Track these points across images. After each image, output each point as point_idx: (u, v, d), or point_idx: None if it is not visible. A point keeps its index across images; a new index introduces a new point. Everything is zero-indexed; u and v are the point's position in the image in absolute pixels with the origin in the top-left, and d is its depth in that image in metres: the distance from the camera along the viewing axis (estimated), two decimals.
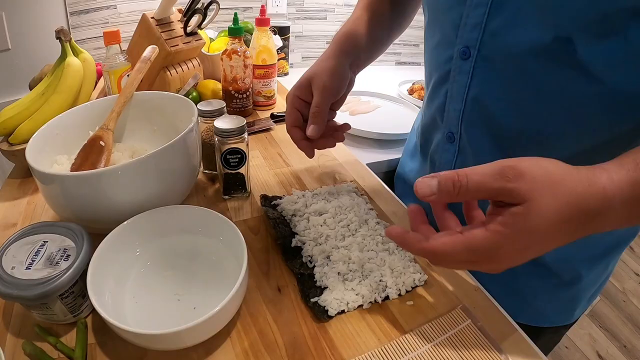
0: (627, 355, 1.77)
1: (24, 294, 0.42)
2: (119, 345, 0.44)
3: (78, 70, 0.80)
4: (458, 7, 0.54)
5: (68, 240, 0.48)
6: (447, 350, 0.47)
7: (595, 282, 0.65)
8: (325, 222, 0.60)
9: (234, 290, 0.42)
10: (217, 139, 0.62)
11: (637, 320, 1.93)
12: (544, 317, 0.66)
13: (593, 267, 0.62)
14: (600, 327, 1.89)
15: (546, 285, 0.63)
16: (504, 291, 0.56)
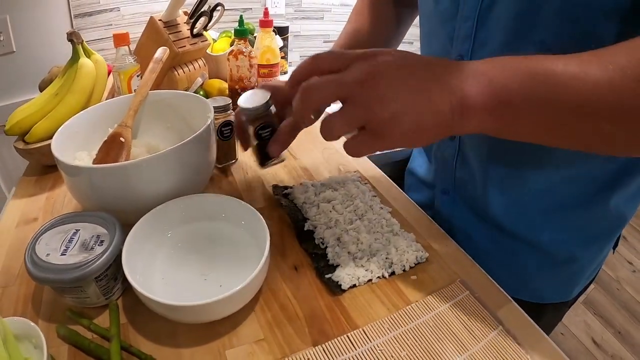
0: (622, 341, 1.82)
1: (62, 277, 0.45)
2: (149, 322, 0.48)
3: (91, 71, 0.83)
4: (452, 21, 0.59)
5: (100, 227, 0.51)
6: (448, 317, 0.51)
7: (591, 264, 0.68)
8: (334, 208, 0.64)
9: (260, 265, 0.46)
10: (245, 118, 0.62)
11: (630, 307, 1.98)
12: (544, 293, 0.69)
13: (587, 249, 0.66)
14: (594, 314, 1.94)
15: (544, 265, 0.66)
16: (505, 271, 0.60)
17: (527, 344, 0.49)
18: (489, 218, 0.67)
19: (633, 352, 1.77)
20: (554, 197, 0.61)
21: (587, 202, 0.60)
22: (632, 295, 2.05)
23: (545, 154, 0.57)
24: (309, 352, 0.46)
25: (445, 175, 0.71)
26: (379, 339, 0.48)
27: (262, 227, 0.52)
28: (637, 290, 2.07)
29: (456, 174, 0.69)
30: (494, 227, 0.67)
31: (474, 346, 0.49)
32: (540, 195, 0.61)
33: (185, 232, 0.58)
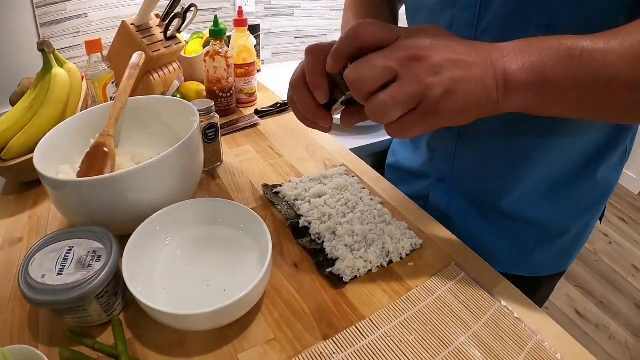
0: (604, 310, 1.87)
1: (62, 298, 0.42)
2: (156, 335, 0.46)
3: (65, 81, 0.78)
4: (449, 10, 0.57)
5: (94, 242, 0.48)
6: (448, 299, 0.52)
7: (584, 234, 0.70)
8: (326, 202, 0.63)
9: (265, 267, 0.45)
10: None
11: (609, 277, 2.04)
12: (542, 267, 0.70)
13: (579, 220, 0.67)
14: (576, 287, 1.98)
15: (541, 240, 0.67)
16: (504, 251, 0.61)
17: (524, 316, 0.50)
18: (486, 201, 0.67)
19: (615, 320, 1.83)
20: (550, 173, 0.62)
21: (578, 175, 0.61)
22: (609, 265, 2.11)
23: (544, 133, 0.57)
24: (321, 346, 0.45)
25: (443, 163, 0.69)
26: (386, 327, 0.48)
27: (261, 229, 0.51)
28: (614, 261, 2.14)
29: (455, 162, 0.68)
30: (492, 209, 0.67)
31: (475, 324, 0.49)
32: (537, 174, 0.62)
33: (183, 238, 0.55)
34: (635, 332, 1.76)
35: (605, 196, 0.68)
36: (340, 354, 0.45)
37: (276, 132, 0.88)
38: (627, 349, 1.68)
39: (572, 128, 0.57)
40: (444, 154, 0.69)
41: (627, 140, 0.63)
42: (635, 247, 2.24)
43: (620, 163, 0.65)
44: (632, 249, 2.22)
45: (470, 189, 0.68)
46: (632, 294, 1.96)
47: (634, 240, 2.28)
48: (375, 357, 0.45)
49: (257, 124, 0.90)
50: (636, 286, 2.00)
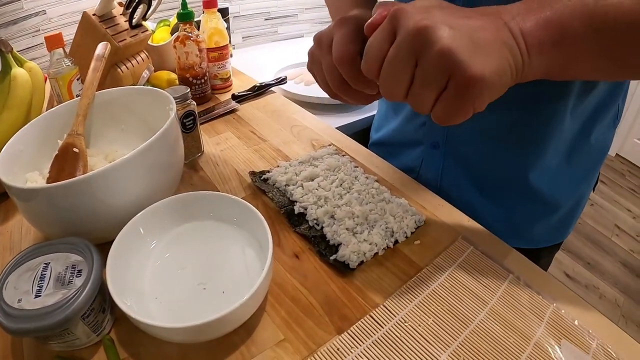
0: (592, 271, 1.88)
1: (43, 324, 0.35)
2: (153, 351, 0.40)
3: (26, 81, 0.70)
4: None
5: (73, 255, 0.41)
6: (461, 275, 0.48)
7: (579, 204, 0.67)
8: (320, 185, 0.57)
9: (268, 262, 0.39)
10: None
11: (594, 238, 2.05)
12: (540, 239, 0.67)
13: (576, 189, 0.64)
14: (562, 250, 1.97)
15: (537, 212, 0.64)
16: (500, 222, 0.58)
17: (537, 285, 0.47)
18: (482, 170, 0.62)
19: (604, 279, 1.84)
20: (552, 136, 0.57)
21: (575, 140, 0.58)
22: (593, 226, 2.12)
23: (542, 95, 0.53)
24: (336, 341, 0.40)
25: (436, 126, 0.63)
26: (402, 312, 0.43)
27: (257, 220, 0.44)
28: (597, 222, 2.15)
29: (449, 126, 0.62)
30: (487, 179, 0.63)
31: (492, 298, 0.46)
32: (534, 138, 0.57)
33: (171, 239, 0.49)
34: (624, 290, 1.78)
35: (600, 161, 0.65)
36: (359, 347, 0.40)
37: (257, 116, 0.81)
38: (618, 307, 1.69)
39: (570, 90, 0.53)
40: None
41: (619, 100, 0.60)
42: (617, 207, 2.26)
43: (613, 125, 0.62)
44: (613, 210, 2.24)
45: (465, 155, 0.63)
46: (618, 253, 1.98)
47: (614, 201, 2.30)
48: (396, 346, 0.40)
49: (236, 109, 0.83)
50: (621, 245, 2.02)
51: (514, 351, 0.40)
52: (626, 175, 2.51)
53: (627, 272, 1.87)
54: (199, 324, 0.35)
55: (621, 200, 2.31)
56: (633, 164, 2.60)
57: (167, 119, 0.51)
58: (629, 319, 1.64)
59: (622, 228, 2.12)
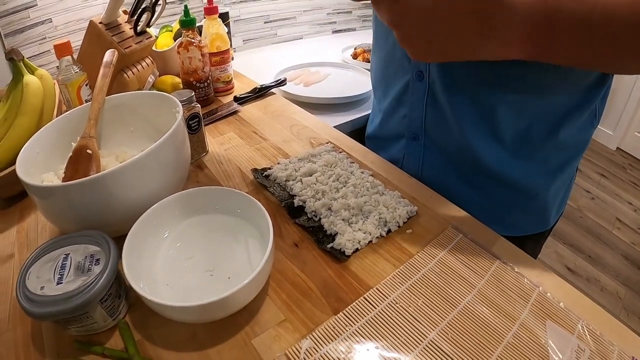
0: (593, 264, 1.89)
1: (65, 308, 0.39)
2: (165, 332, 0.44)
3: (38, 88, 0.74)
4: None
5: (91, 246, 0.45)
6: (450, 261, 0.51)
7: (558, 194, 0.68)
8: (317, 180, 0.61)
9: (269, 249, 0.43)
10: None
11: (595, 231, 2.06)
12: (521, 226, 0.69)
13: (552, 180, 0.65)
14: (564, 244, 1.99)
15: (516, 200, 0.65)
16: (482, 211, 0.60)
17: (523, 270, 0.50)
18: (460, 159, 0.65)
19: (605, 272, 1.85)
20: (517, 132, 0.59)
21: (543, 137, 0.59)
22: (594, 220, 2.14)
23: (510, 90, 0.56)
24: (333, 321, 0.44)
25: (415, 119, 0.66)
26: (394, 294, 0.47)
27: (259, 212, 0.48)
28: (598, 215, 2.17)
29: (426, 116, 0.65)
30: (465, 167, 0.65)
31: (479, 282, 0.49)
32: (505, 132, 0.60)
33: (180, 231, 0.53)
34: (625, 282, 1.79)
35: (576, 157, 0.66)
36: (353, 325, 0.43)
37: (258, 117, 0.85)
38: (619, 299, 1.71)
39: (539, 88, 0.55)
40: (414, 108, 0.65)
41: (596, 102, 0.60)
42: (617, 200, 2.27)
43: (591, 125, 0.63)
44: (614, 203, 2.26)
45: (443, 145, 0.66)
46: (619, 245, 1.99)
47: (615, 194, 2.32)
48: (388, 324, 0.44)
49: (238, 110, 0.87)
50: (622, 238, 2.03)
51: (499, 330, 0.43)
52: (627, 169, 2.53)
53: (629, 265, 1.88)
54: (206, 303, 0.39)
55: (622, 194, 2.32)
56: (634, 157, 2.61)
57: (173, 121, 0.55)
58: (630, 311, 1.66)
59: (623, 221, 2.14)
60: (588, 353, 0.42)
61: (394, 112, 0.71)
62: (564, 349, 0.42)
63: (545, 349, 0.42)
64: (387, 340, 0.42)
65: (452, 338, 0.43)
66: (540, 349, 0.42)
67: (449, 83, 0.59)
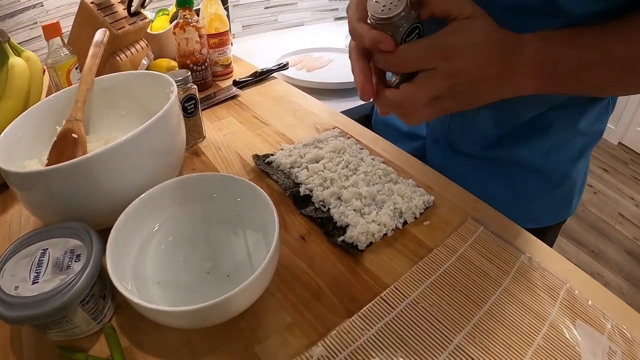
0: (596, 259, 1.83)
1: (41, 311, 0.33)
2: (157, 338, 0.37)
3: (24, 70, 0.67)
4: None
5: (72, 240, 0.39)
6: (473, 256, 0.45)
7: (578, 179, 0.66)
8: (325, 167, 0.55)
9: (274, 243, 0.36)
10: None
11: (598, 226, 2.00)
12: (546, 217, 0.66)
13: (574, 166, 0.63)
14: (567, 238, 1.94)
15: (542, 189, 0.62)
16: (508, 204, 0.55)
17: (549, 266, 0.44)
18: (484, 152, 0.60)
19: (607, 267, 1.80)
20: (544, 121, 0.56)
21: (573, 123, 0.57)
22: (597, 215, 2.07)
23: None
24: (347, 325, 0.38)
25: (438, 125, 0.62)
26: (413, 293, 0.41)
27: (262, 200, 0.42)
28: (601, 210, 2.11)
29: (450, 124, 0.61)
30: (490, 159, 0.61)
31: (504, 279, 0.43)
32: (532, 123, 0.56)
33: (173, 222, 0.46)
34: (627, 277, 1.74)
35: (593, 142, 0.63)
36: (370, 329, 0.37)
37: (259, 102, 0.78)
38: (622, 294, 1.66)
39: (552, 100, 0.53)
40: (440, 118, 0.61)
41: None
42: (620, 195, 2.22)
43: (606, 112, 0.61)
44: (617, 198, 2.20)
45: (466, 144, 0.62)
46: (621, 240, 1.94)
47: (617, 189, 2.26)
48: (409, 328, 0.38)
49: (237, 95, 0.80)
50: (624, 233, 1.98)
51: (529, 332, 0.38)
52: (629, 164, 2.47)
53: (631, 260, 1.83)
54: (202, 307, 0.33)
55: (624, 189, 2.27)
56: (636, 152, 2.55)
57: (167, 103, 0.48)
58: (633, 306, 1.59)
59: (625, 216, 2.08)
60: (620, 355, 0.37)
61: None
62: (596, 351, 0.37)
63: (576, 351, 0.37)
64: (409, 346, 0.36)
65: (480, 342, 0.37)
66: (571, 351, 0.37)
67: None
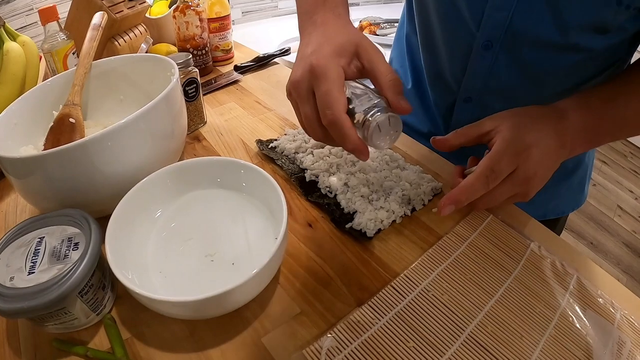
0: (595, 251, 1.81)
1: (37, 303, 0.31)
2: (159, 330, 0.35)
3: (19, 55, 0.64)
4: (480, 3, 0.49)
5: (70, 228, 0.37)
6: (482, 243, 0.43)
7: (588, 165, 0.65)
8: (331, 152, 0.52)
9: (283, 229, 0.34)
10: None
11: (596, 218, 1.97)
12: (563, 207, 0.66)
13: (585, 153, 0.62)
14: (566, 230, 1.90)
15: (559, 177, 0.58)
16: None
17: (557, 254, 0.43)
18: None
19: (606, 259, 1.78)
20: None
21: None
22: (596, 207, 2.04)
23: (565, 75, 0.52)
24: (357, 314, 0.36)
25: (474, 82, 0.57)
26: (424, 281, 0.39)
27: (269, 185, 0.39)
28: (599, 202, 2.08)
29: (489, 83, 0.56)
30: None
31: (515, 267, 0.41)
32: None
33: (176, 208, 0.44)
34: (626, 270, 1.73)
35: None
36: (381, 319, 0.35)
37: (261, 87, 0.75)
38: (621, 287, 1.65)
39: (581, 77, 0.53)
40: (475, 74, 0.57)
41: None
42: (619, 187, 2.18)
43: None
44: (615, 190, 2.17)
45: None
46: (620, 233, 1.91)
47: (616, 182, 2.22)
48: (421, 317, 0.36)
49: (239, 80, 0.77)
50: (623, 226, 1.95)
51: (540, 322, 0.37)
52: (628, 157, 2.44)
53: (630, 253, 1.81)
54: (207, 297, 0.31)
55: (623, 181, 2.23)
56: (635, 145, 2.51)
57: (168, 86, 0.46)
58: None
59: (624, 209, 2.05)
60: (629, 345, 0.36)
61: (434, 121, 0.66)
62: (606, 341, 0.36)
63: (587, 340, 0.36)
64: (422, 335, 0.34)
65: (492, 331, 0.35)
66: (582, 341, 0.36)
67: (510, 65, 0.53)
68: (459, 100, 0.59)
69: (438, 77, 0.61)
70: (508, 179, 0.40)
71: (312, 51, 0.38)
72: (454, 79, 0.58)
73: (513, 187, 0.41)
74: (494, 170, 0.40)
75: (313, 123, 0.37)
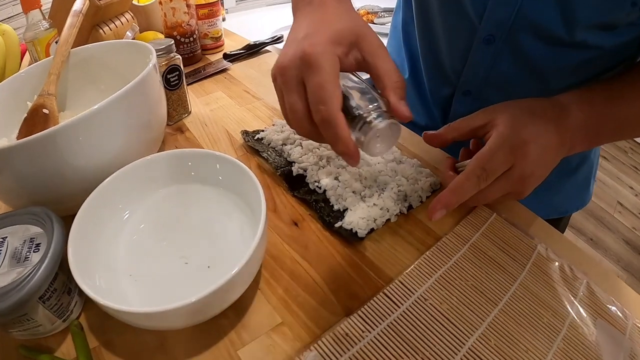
0: (595, 247, 1.78)
1: None
2: (129, 339, 0.32)
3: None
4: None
5: (33, 227, 0.33)
6: (485, 246, 0.40)
7: (594, 162, 0.62)
8: (321, 144, 0.49)
9: (261, 229, 0.31)
10: None
11: (596, 214, 1.94)
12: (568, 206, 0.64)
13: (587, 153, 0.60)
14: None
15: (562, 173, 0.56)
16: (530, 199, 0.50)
17: (565, 257, 0.39)
18: None
19: (606, 256, 1.75)
20: None
21: None
22: (596, 203, 2.01)
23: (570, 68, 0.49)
24: (345, 325, 0.32)
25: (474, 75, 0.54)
26: (421, 288, 0.35)
27: (247, 180, 0.36)
28: (600, 198, 2.04)
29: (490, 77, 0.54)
30: None
31: (520, 272, 0.38)
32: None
33: (147, 207, 0.40)
34: (626, 267, 1.69)
35: None
36: (372, 330, 0.32)
37: (250, 75, 0.71)
38: None
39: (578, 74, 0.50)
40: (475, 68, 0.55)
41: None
42: (619, 184, 2.14)
43: None
44: (615, 186, 2.13)
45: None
46: (620, 230, 1.88)
47: (617, 178, 2.18)
48: (416, 328, 0.32)
49: (227, 68, 0.73)
50: (623, 222, 1.92)
51: (548, 333, 0.33)
52: (628, 153, 2.39)
53: (630, 249, 1.78)
54: (178, 307, 0.27)
55: (623, 177, 2.19)
56: (635, 142, 2.46)
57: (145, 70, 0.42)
58: None
59: (624, 205, 2.02)
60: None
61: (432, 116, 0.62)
62: (617, 354, 0.33)
63: (597, 353, 0.33)
64: (417, 349, 0.31)
65: (496, 345, 0.32)
66: (593, 354, 0.32)
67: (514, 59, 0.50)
68: (458, 93, 0.55)
69: (436, 68, 0.57)
70: (502, 177, 0.37)
71: (305, 35, 0.34)
72: (453, 70, 0.54)
73: (507, 185, 0.38)
74: (486, 169, 0.37)
75: (300, 116, 0.32)
